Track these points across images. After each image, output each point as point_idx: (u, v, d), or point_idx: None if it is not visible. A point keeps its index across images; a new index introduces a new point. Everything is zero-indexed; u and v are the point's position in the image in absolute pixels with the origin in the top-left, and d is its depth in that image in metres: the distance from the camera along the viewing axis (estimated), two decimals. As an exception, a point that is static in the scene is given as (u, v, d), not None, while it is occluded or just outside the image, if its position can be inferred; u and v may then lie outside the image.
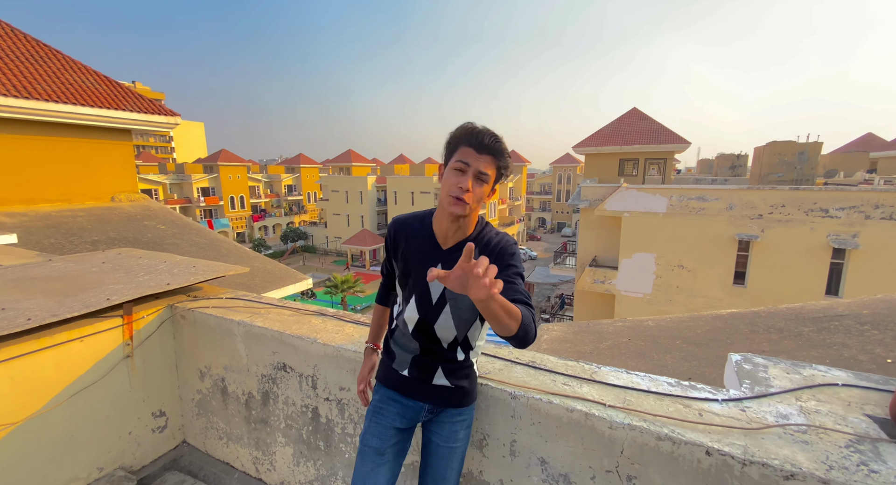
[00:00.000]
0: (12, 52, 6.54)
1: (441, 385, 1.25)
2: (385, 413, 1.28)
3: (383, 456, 1.24)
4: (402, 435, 1.28)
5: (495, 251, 1.19)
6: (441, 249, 1.22)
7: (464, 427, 1.29)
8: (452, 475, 1.26)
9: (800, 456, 1.02)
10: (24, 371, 1.66)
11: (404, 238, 1.27)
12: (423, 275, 1.19)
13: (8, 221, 5.72)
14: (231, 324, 1.99)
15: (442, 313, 1.22)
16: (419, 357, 1.26)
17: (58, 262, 2.67)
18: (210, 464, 2.17)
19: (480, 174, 1.11)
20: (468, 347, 1.27)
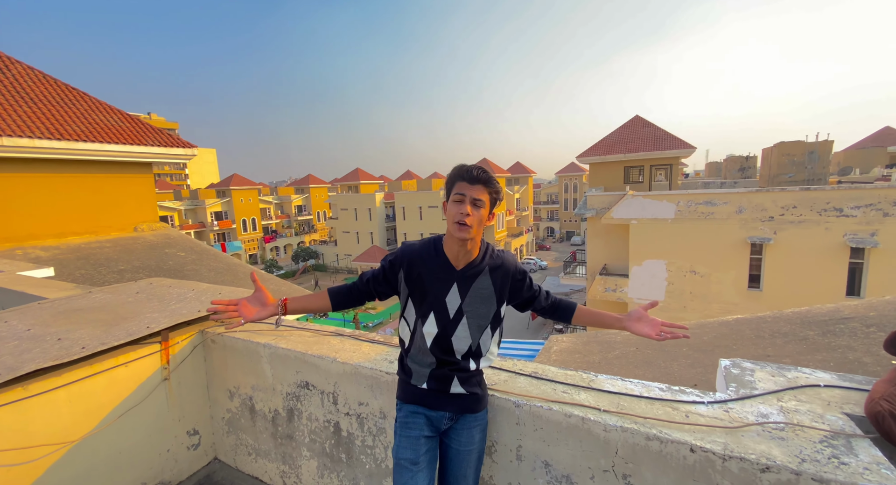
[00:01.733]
0: (45, 97, 7.01)
1: (458, 393, 1.40)
2: (412, 426, 1.41)
3: (418, 464, 1.36)
4: (430, 443, 1.41)
5: (517, 270, 1.46)
6: (455, 270, 1.40)
7: (479, 431, 1.43)
8: (472, 474, 1.41)
9: (775, 451, 1.14)
10: (80, 395, 1.85)
11: (420, 262, 1.42)
12: (441, 294, 1.38)
13: (43, 255, 6.06)
14: (257, 346, 2.17)
15: (459, 325, 1.38)
16: (435, 370, 1.40)
17: (97, 293, 2.89)
18: (240, 479, 2.32)
19: (475, 201, 1.33)
20: (479, 355, 1.43)
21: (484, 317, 1.40)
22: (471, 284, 1.39)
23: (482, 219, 1.35)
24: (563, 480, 1.41)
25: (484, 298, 1.40)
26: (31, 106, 6.70)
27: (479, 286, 1.39)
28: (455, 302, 1.38)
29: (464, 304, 1.38)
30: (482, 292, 1.40)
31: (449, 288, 1.39)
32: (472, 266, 1.41)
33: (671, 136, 20.05)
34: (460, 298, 1.38)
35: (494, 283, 1.41)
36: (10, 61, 7.41)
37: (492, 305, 1.41)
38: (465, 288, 1.39)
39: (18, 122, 6.23)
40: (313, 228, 60.24)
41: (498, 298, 1.42)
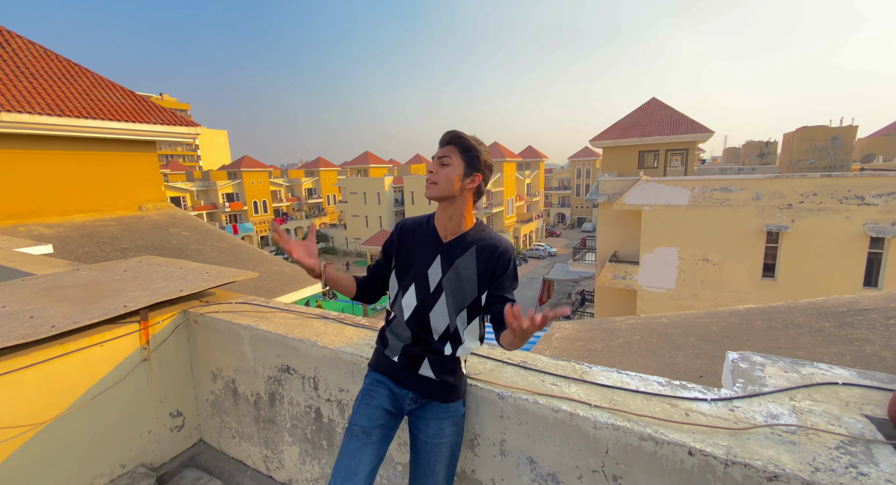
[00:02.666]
0: (46, 72, 6.93)
1: (426, 376, 1.32)
2: (375, 395, 1.35)
3: (370, 436, 1.28)
4: (388, 418, 1.33)
5: (502, 261, 1.31)
6: (442, 242, 1.35)
7: (450, 424, 1.32)
8: (441, 470, 1.30)
9: (785, 457, 1.00)
10: (51, 374, 1.78)
11: (410, 234, 1.40)
12: (424, 264, 1.34)
13: (47, 232, 6.08)
14: (238, 328, 2.08)
15: (438, 301, 1.31)
16: (409, 346, 1.34)
17: (84, 271, 2.83)
18: (224, 462, 2.28)
19: (441, 158, 1.30)
20: (458, 341, 1.33)
21: (463, 298, 1.32)
22: (454, 260, 1.32)
23: (450, 177, 1.29)
24: (548, 478, 1.30)
25: (466, 277, 1.31)
26: (31, 81, 6.63)
27: (462, 264, 1.31)
28: (436, 275, 1.32)
29: (444, 279, 1.32)
30: (465, 271, 1.31)
31: (432, 260, 1.34)
32: (459, 240, 1.34)
33: (688, 119, 19.38)
34: (442, 271, 1.32)
35: (479, 264, 1.31)
36: (11, 35, 7.31)
37: (472, 288, 1.31)
38: (448, 262, 1.32)
39: (19, 97, 6.17)
40: (323, 212, 60.43)
41: (479, 282, 1.31)
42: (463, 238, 1.34)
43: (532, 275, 35.84)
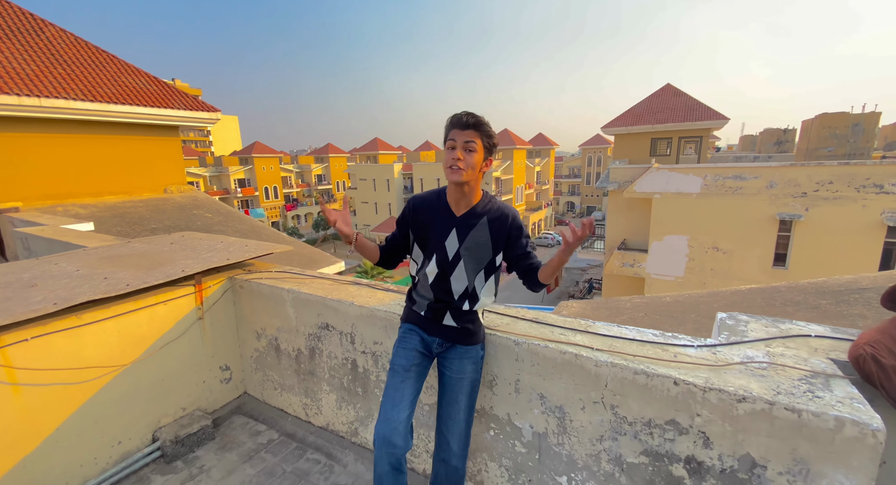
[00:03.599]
0: (78, 59, 7.21)
1: (449, 325, 1.56)
2: (409, 340, 1.60)
3: (409, 372, 1.54)
4: (422, 359, 1.58)
5: (514, 225, 1.51)
6: (455, 216, 1.52)
7: (470, 363, 1.56)
8: (463, 400, 1.54)
9: (753, 385, 1.22)
10: (127, 326, 2.07)
11: (424, 210, 1.57)
12: (443, 237, 1.52)
13: (82, 212, 6.44)
14: (282, 292, 2.34)
15: (457, 267, 1.52)
16: (433, 303, 1.57)
17: (136, 243, 3.13)
18: (268, 410, 2.57)
19: (467, 143, 1.40)
20: (475, 299, 1.55)
21: (479, 262, 1.52)
22: (469, 231, 1.49)
23: (475, 163, 1.42)
24: (556, 410, 1.54)
25: (480, 245, 1.50)
26: (65, 68, 6.91)
27: (476, 234, 1.49)
28: (454, 246, 1.50)
29: (461, 248, 1.50)
30: (479, 240, 1.49)
31: (448, 232, 1.51)
32: (471, 213, 1.51)
33: (703, 106, 19.07)
34: (458, 242, 1.50)
35: (492, 232, 1.50)
36: (45, 24, 7.58)
37: (487, 252, 1.51)
38: (464, 234, 1.50)
39: (55, 84, 6.46)
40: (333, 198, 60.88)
41: (494, 247, 1.51)
42: (474, 210, 1.51)
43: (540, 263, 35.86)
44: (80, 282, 2.19)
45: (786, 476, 1.16)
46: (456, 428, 1.55)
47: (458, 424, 1.55)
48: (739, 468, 1.23)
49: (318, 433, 2.34)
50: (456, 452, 1.56)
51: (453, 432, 1.55)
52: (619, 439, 1.43)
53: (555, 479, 1.60)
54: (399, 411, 1.47)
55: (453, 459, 1.56)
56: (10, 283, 2.21)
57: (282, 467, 2.16)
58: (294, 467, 2.16)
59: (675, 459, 1.33)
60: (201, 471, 2.15)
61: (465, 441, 1.57)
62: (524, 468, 1.68)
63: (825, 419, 1.08)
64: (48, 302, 1.90)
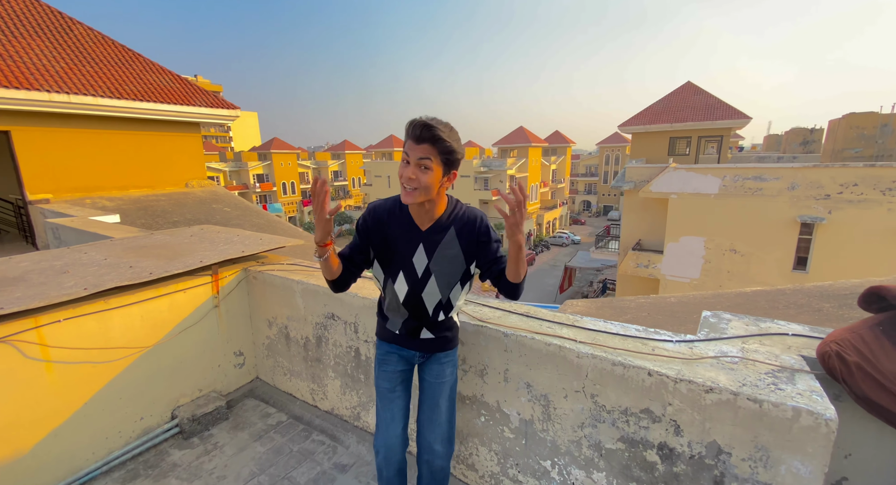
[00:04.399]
0: (105, 57, 7.54)
1: (427, 338, 1.52)
2: (388, 363, 1.58)
3: (394, 392, 1.56)
4: (405, 375, 1.59)
5: (482, 229, 1.40)
6: (420, 231, 1.40)
7: (449, 366, 1.57)
8: (444, 403, 1.55)
9: (721, 377, 1.30)
10: (150, 311, 2.24)
11: (386, 224, 1.42)
12: (408, 253, 1.40)
13: (109, 205, 6.77)
14: (292, 283, 2.49)
15: (428, 283, 1.42)
16: (407, 320, 1.50)
17: (158, 235, 3.33)
18: (278, 394, 2.73)
19: (421, 160, 1.24)
20: (449, 308, 1.50)
21: (452, 275, 1.43)
22: (437, 246, 1.39)
23: (430, 184, 1.26)
24: (541, 398, 1.64)
25: (451, 258, 1.40)
26: (92, 66, 7.24)
27: (445, 247, 1.39)
28: (422, 262, 1.40)
29: (431, 263, 1.40)
30: (448, 253, 1.40)
31: (415, 248, 1.40)
32: (437, 226, 1.39)
33: (724, 104, 18.65)
34: (427, 258, 1.40)
35: (461, 244, 1.40)
36: (73, 22, 7.94)
37: (460, 264, 1.42)
38: (431, 249, 1.39)
39: (84, 81, 6.79)
40: (348, 194, 61.56)
41: (466, 259, 1.42)
42: (440, 222, 1.39)
43: (554, 262, 35.73)
44: (107, 269, 2.38)
45: (748, 462, 1.24)
46: (439, 430, 1.54)
47: (440, 426, 1.54)
48: (707, 455, 1.31)
49: (324, 417, 2.49)
50: (441, 453, 1.55)
51: (436, 434, 1.54)
52: (598, 427, 1.52)
53: (540, 464, 1.70)
54: (395, 427, 1.53)
55: (438, 460, 1.55)
56: (45, 269, 2.41)
57: (289, 446, 2.31)
58: (300, 446, 2.31)
59: (649, 445, 1.41)
60: (215, 447, 2.31)
61: (449, 440, 1.58)
62: (512, 453, 1.78)
63: (784, 409, 1.15)
64: (79, 287, 2.08)
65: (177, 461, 2.22)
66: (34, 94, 6.19)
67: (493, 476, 1.86)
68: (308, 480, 2.07)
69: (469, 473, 1.95)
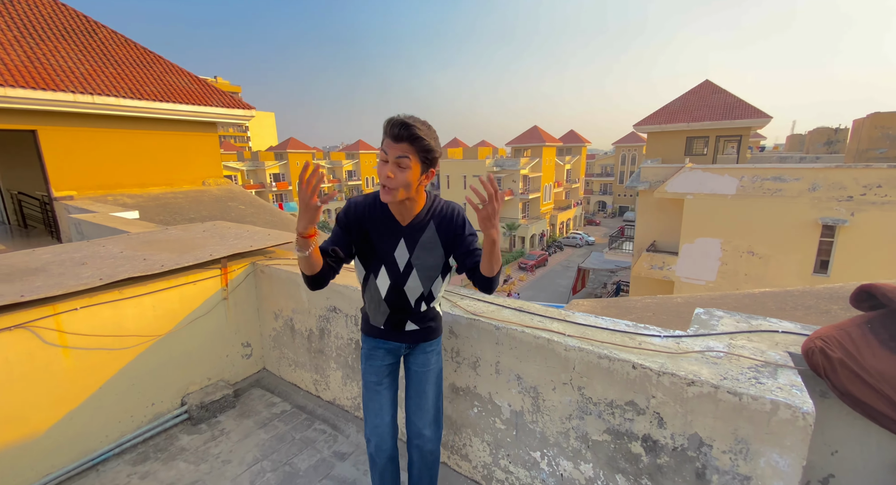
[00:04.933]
0: (127, 60, 7.81)
1: (412, 330, 1.56)
2: (374, 357, 1.60)
3: (381, 385, 1.59)
4: (391, 367, 1.62)
5: (458, 221, 1.44)
6: (401, 226, 1.43)
7: (434, 355, 1.62)
8: (431, 390, 1.60)
9: (704, 371, 1.32)
10: (162, 301, 2.35)
11: (366, 219, 1.44)
12: (390, 250, 1.44)
13: (129, 202, 7.01)
14: (297, 277, 2.57)
15: (410, 277, 1.46)
16: (391, 315, 1.53)
17: (172, 230, 3.46)
18: (283, 384, 2.82)
19: (399, 159, 1.26)
20: (431, 299, 1.54)
21: (433, 268, 1.48)
22: (417, 239, 1.43)
23: (409, 181, 1.29)
24: (531, 390, 1.67)
25: (430, 250, 1.45)
26: (115, 68, 7.51)
27: (425, 240, 1.44)
28: (404, 256, 1.44)
29: (412, 257, 1.45)
30: (428, 245, 1.44)
31: (396, 243, 1.43)
32: (417, 221, 1.43)
33: (743, 103, 18.23)
34: (408, 252, 1.44)
35: (440, 236, 1.45)
36: (98, 26, 8.24)
37: (439, 256, 1.47)
38: (413, 243, 1.43)
39: (107, 82, 7.05)
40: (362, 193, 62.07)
41: (445, 250, 1.48)
42: (420, 217, 1.43)
43: (567, 263, 35.44)
44: (122, 262, 2.50)
45: (728, 454, 1.25)
46: (427, 416, 1.58)
47: (428, 412, 1.59)
48: (689, 447, 1.32)
49: (326, 407, 2.56)
50: (430, 437, 1.59)
51: (425, 420, 1.58)
52: (585, 418, 1.54)
53: (530, 454, 1.74)
54: (383, 417, 1.57)
55: (427, 444, 1.59)
56: (64, 261, 2.55)
57: (292, 434, 2.40)
58: (302, 435, 2.39)
59: (634, 437, 1.44)
60: (222, 433, 2.41)
61: (437, 424, 1.62)
62: (503, 444, 1.82)
63: (762, 402, 1.17)
64: (95, 277, 2.19)
65: (185, 446, 2.32)
66: (60, 95, 6.46)
67: (486, 467, 1.90)
68: (308, 466, 2.15)
69: (462, 463, 1.99)
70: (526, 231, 38.90)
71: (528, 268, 33.41)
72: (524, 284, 30.30)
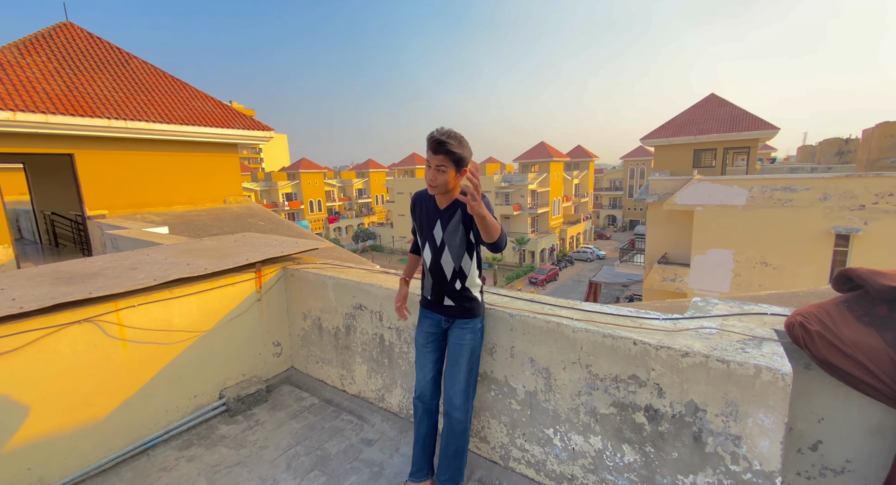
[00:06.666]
0: (156, 87, 8.35)
1: (448, 305, 1.89)
2: (422, 323, 2.00)
3: (426, 347, 1.96)
4: (436, 336, 1.95)
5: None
6: (440, 210, 1.84)
7: (469, 332, 1.86)
8: (463, 361, 1.85)
9: (696, 344, 1.49)
10: (205, 301, 2.59)
11: (420, 205, 1.93)
12: (430, 227, 1.85)
13: (156, 219, 7.40)
14: (325, 278, 2.80)
15: (444, 252, 1.84)
16: (434, 287, 1.91)
17: (207, 241, 3.74)
18: (311, 381, 3.02)
19: (438, 167, 1.68)
20: (463, 276, 1.84)
21: (459, 244, 1.80)
22: (449, 220, 1.80)
23: (447, 180, 1.70)
24: (543, 371, 1.85)
25: (455, 230, 1.79)
26: (146, 94, 8.04)
27: (453, 221, 1.80)
28: (439, 234, 1.84)
29: (444, 235, 1.82)
30: (454, 224, 1.79)
31: (435, 223, 1.84)
32: (451, 207, 1.81)
33: (750, 115, 18.39)
34: (442, 230, 1.82)
35: (462, 215, 1.78)
36: (130, 57, 8.85)
37: (459, 231, 1.79)
38: (445, 223, 1.81)
39: (138, 108, 7.55)
40: (372, 211, 63.01)
41: (465, 228, 1.78)
42: (454, 204, 1.80)
43: (578, 277, 35.24)
44: (168, 267, 2.76)
45: (721, 417, 1.41)
46: (458, 386, 1.85)
47: (459, 382, 1.84)
48: (686, 413, 1.49)
49: (352, 400, 2.75)
50: (458, 405, 1.84)
51: (455, 389, 1.85)
52: (593, 394, 1.71)
53: (543, 431, 1.90)
54: (424, 374, 1.97)
55: (455, 411, 1.85)
56: (116, 267, 2.82)
57: (321, 424, 2.58)
58: (331, 424, 2.57)
59: (637, 408, 1.60)
60: (257, 424, 2.60)
61: (466, 396, 1.86)
62: (519, 423, 1.98)
63: (747, 367, 1.34)
64: (150, 278, 2.45)
65: (225, 434, 2.51)
66: (96, 121, 6.95)
67: (503, 447, 2.06)
68: (339, 451, 2.32)
69: (482, 445, 2.15)
70: (535, 246, 38.90)
71: (538, 282, 33.25)
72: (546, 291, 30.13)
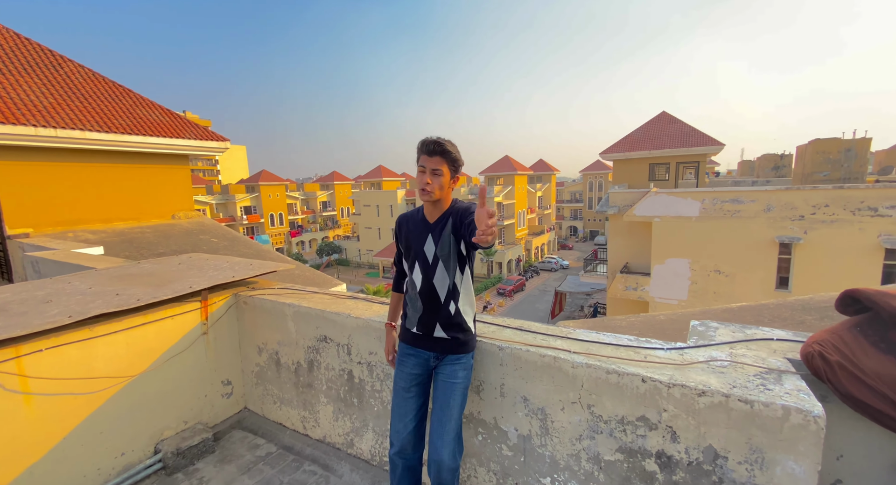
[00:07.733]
0: (94, 93, 7.63)
1: (440, 337, 1.65)
2: (405, 363, 1.74)
3: (409, 392, 1.71)
4: (421, 378, 1.71)
5: (468, 212, 1.60)
6: (430, 223, 1.69)
7: (462, 369, 1.65)
8: (455, 404, 1.62)
9: (713, 380, 1.33)
10: (136, 338, 2.19)
11: (406, 224, 1.76)
12: (420, 244, 1.69)
13: (92, 238, 6.65)
14: (283, 306, 2.47)
15: (437, 268, 1.65)
16: (423, 316, 1.67)
17: (145, 263, 3.28)
18: (267, 424, 2.64)
19: (434, 170, 1.59)
20: (457, 295, 1.66)
21: (452, 259, 1.65)
22: (441, 233, 1.66)
23: (443, 184, 1.61)
24: (538, 412, 1.63)
25: (446, 238, 1.64)
26: (81, 101, 7.31)
27: (444, 232, 1.65)
28: (431, 249, 1.66)
29: (437, 249, 1.65)
30: (445, 235, 1.65)
31: (426, 238, 1.68)
32: (442, 218, 1.68)
33: (698, 132, 19.58)
34: (434, 245, 1.66)
35: (453, 224, 1.65)
36: (63, 59, 8.07)
37: (452, 244, 1.64)
38: (437, 237, 1.66)
39: (71, 115, 6.83)
40: (337, 224, 61.54)
41: (456, 239, 1.64)
42: (444, 215, 1.67)
43: (544, 287, 35.78)
44: (93, 298, 2.33)
45: (744, 465, 1.24)
46: (447, 436, 1.58)
47: (448, 432, 1.59)
48: (704, 460, 1.31)
49: (315, 445, 2.40)
50: (447, 463, 1.56)
51: (444, 440, 1.57)
52: (596, 438, 1.51)
53: (539, 481, 1.67)
54: (405, 424, 1.70)
55: (445, 473, 1.57)
56: (26, 299, 2.35)
57: (279, 478, 2.22)
58: (291, 478, 2.21)
59: (647, 454, 1.41)
60: (201, 482, 2.20)
61: (457, 447, 1.60)
62: (511, 471, 1.74)
63: (774, 408, 1.18)
64: (63, 315, 2.03)
65: (159, 499, 2.10)
66: (20, 129, 6.19)
67: (493, 498, 1.81)
68: (299, 512, 1.98)
69: (467, 496, 1.89)
70: (503, 257, 39.29)
71: (506, 293, 33.48)
72: (503, 310, 30.23)
